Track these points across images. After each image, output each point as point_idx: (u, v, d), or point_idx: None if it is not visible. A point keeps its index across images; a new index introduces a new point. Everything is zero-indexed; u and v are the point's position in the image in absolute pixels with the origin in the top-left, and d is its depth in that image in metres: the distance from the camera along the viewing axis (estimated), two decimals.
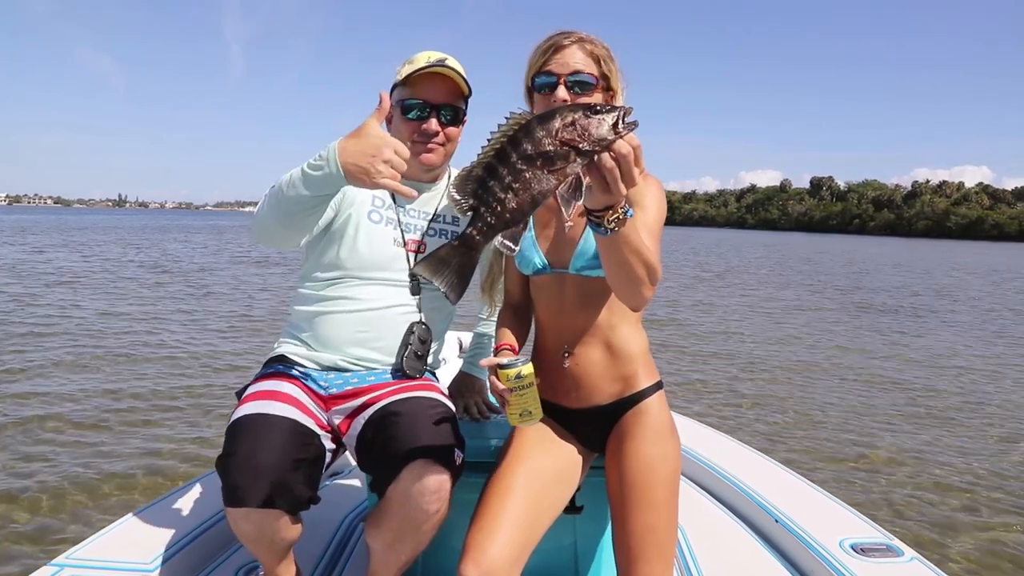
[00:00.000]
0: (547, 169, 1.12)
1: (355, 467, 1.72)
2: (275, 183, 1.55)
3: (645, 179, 1.49)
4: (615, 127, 1.09)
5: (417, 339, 1.74)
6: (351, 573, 1.96)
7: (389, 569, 1.62)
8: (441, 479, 1.48)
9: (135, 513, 1.93)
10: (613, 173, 1.10)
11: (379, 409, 1.63)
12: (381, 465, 1.55)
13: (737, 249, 41.03)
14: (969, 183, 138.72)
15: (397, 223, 1.78)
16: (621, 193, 1.12)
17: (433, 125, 1.73)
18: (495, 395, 1.43)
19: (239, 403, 1.61)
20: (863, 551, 1.88)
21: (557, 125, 1.11)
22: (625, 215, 1.18)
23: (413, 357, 1.73)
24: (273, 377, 1.69)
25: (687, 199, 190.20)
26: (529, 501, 1.44)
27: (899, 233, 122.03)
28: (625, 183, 1.11)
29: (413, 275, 1.76)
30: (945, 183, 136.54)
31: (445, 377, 2.01)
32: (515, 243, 1.19)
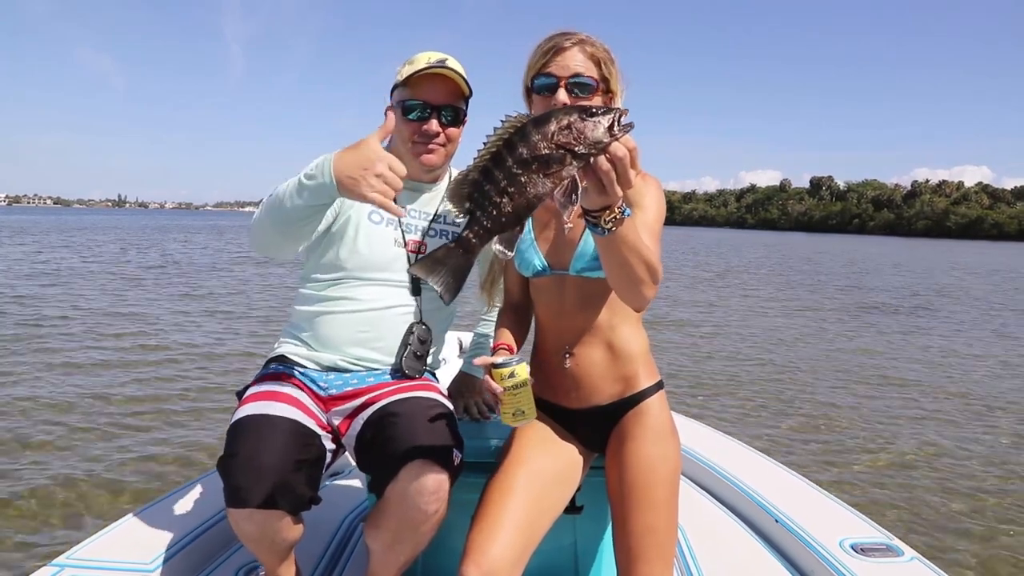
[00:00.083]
0: (543, 173, 1.11)
1: (355, 467, 1.72)
2: (272, 193, 1.56)
3: (644, 179, 1.49)
4: (611, 129, 1.08)
5: (417, 339, 1.74)
6: (351, 573, 1.96)
7: (389, 569, 1.62)
8: (439, 479, 1.48)
9: (135, 513, 1.93)
10: (609, 176, 1.10)
11: (378, 409, 1.63)
12: (380, 465, 1.56)
13: (737, 249, 41.03)
14: (969, 183, 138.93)
15: (397, 224, 1.78)
16: (618, 195, 1.12)
17: (434, 126, 1.73)
18: (489, 394, 1.43)
19: (240, 404, 1.62)
20: (863, 551, 1.88)
21: (553, 128, 1.10)
22: (622, 215, 1.18)
23: (412, 357, 1.74)
24: (273, 378, 1.69)
25: (687, 199, 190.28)
26: (530, 502, 1.44)
27: (899, 233, 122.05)
28: (621, 185, 1.11)
29: (413, 275, 1.76)
30: (945, 183, 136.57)
31: (445, 377, 2.01)
32: (511, 248, 1.19)
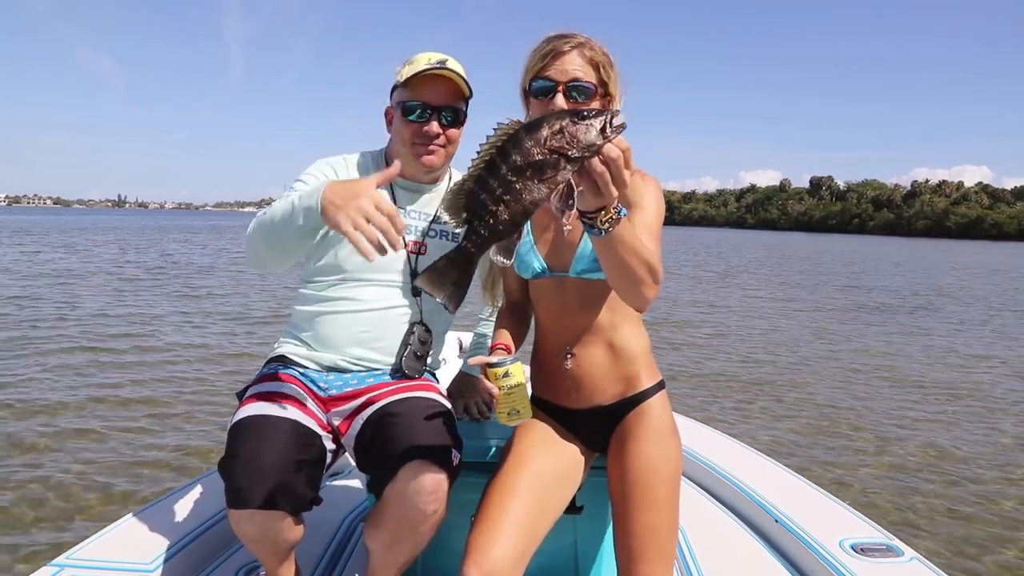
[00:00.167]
0: (538, 178, 1.11)
1: (355, 468, 1.73)
2: (266, 209, 1.56)
3: (643, 179, 1.49)
4: (603, 131, 1.08)
5: (417, 339, 1.74)
6: (351, 573, 1.96)
7: (388, 569, 1.62)
8: (438, 480, 1.48)
9: (135, 513, 1.93)
10: (604, 177, 1.09)
11: (377, 409, 1.63)
12: (379, 465, 1.56)
13: (737, 249, 41.04)
14: (969, 183, 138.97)
15: None
16: (613, 196, 1.12)
17: (434, 127, 1.73)
18: (484, 393, 1.43)
19: (240, 404, 1.62)
20: (863, 551, 1.88)
21: (545, 134, 1.10)
22: (618, 215, 1.18)
23: (412, 357, 1.74)
24: (273, 378, 1.69)
25: (687, 199, 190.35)
26: (531, 502, 1.44)
27: (899, 233, 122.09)
28: (616, 186, 1.11)
29: (414, 275, 1.76)
30: (945, 183, 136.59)
31: (445, 377, 2.01)
32: (510, 255, 1.19)
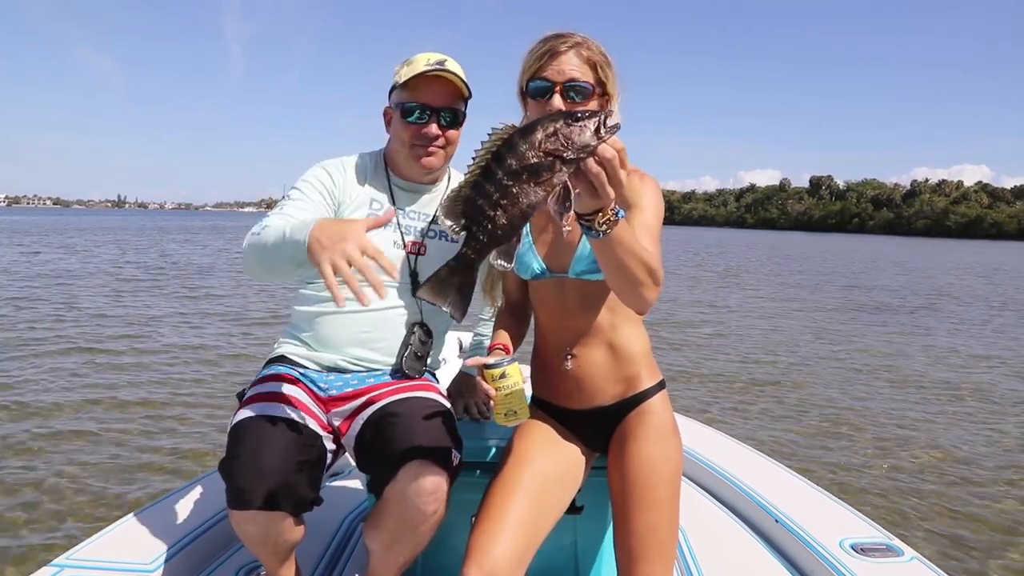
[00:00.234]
0: (534, 182, 1.11)
1: (355, 468, 1.73)
2: (258, 230, 1.53)
3: (641, 179, 1.48)
4: (597, 132, 1.08)
5: (418, 340, 1.74)
6: (351, 573, 1.96)
7: (388, 569, 1.62)
8: (438, 480, 1.48)
9: (135, 513, 1.93)
10: (600, 178, 1.09)
11: (377, 409, 1.63)
12: (379, 466, 1.56)
13: (737, 249, 41.06)
14: (968, 182, 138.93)
15: (397, 225, 1.77)
16: (609, 197, 1.12)
17: (433, 129, 1.72)
18: (481, 394, 1.43)
19: (240, 405, 1.61)
20: (863, 551, 1.88)
21: (539, 137, 1.10)
22: (616, 216, 1.18)
23: (413, 358, 1.74)
24: (274, 378, 1.69)
25: (686, 199, 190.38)
26: (532, 503, 1.44)
27: (898, 232, 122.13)
28: (612, 186, 1.11)
29: (414, 276, 1.76)
30: (944, 182, 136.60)
31: (445, 377, 2.01)
32: (510, 259, 1.19)
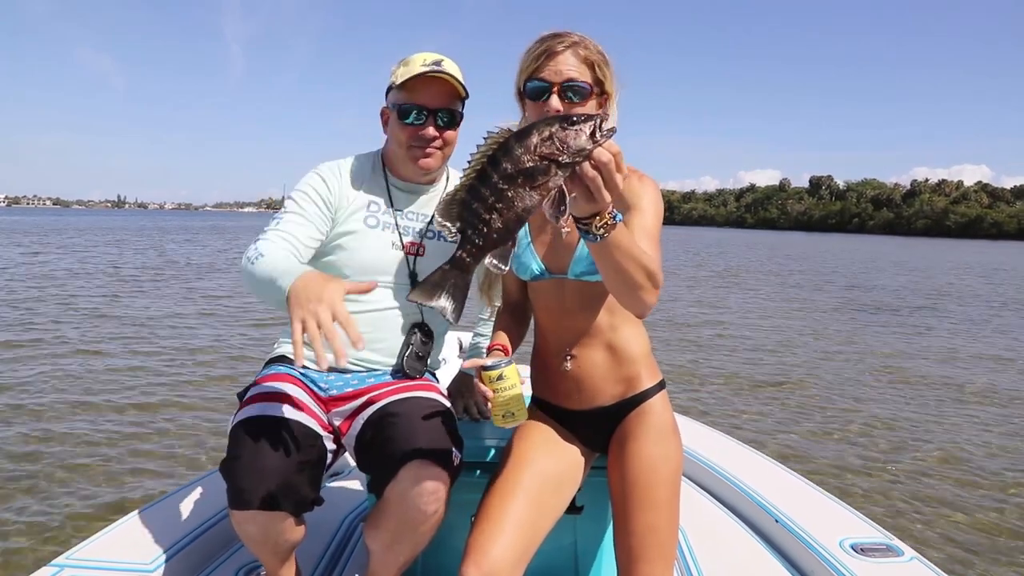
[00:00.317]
0: (529, 185, 1.11)
1: (355, 468, 1.73)
2: (253, 256, 1.53)
3: (640, 180, 1.48)
4: (593, 136, 1.08)
5: (419, 340, 1.74)
6: (351, 573, 1.96)
7: (388, 569, 1.62)
8: (438, 480, 1.48)
9: (135, 513, 1.93)
10: (596, 182, 1.09)
11: (378, 409, 1.63)
12: (379, 466, 1.55)
13: (737, 248, 41.06)
14: (968, 182, 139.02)
15: (395, 227, 1.77)
16: (606, 200, 1.12)
17: (430, 131, 1.72)
18: (479, 395, 1.43)
19: (241, 405, 1.61)
20: (863, 551, 1.88)
21: (535, 140, 1.10)
22: (613, 220, 1.17)
23: (414, 358, 1.74)
24: (274, 378, 1.69)
25: (686, 199, 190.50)
26: (531, 503, 1.44)
27: (898, 232, 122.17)
28: (608, 190, 1.11)
29: (413, 277, 1.76)
30: (944, 182, 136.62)
31: (445, 377, 2.01)
32: (505, 262, 1.19)
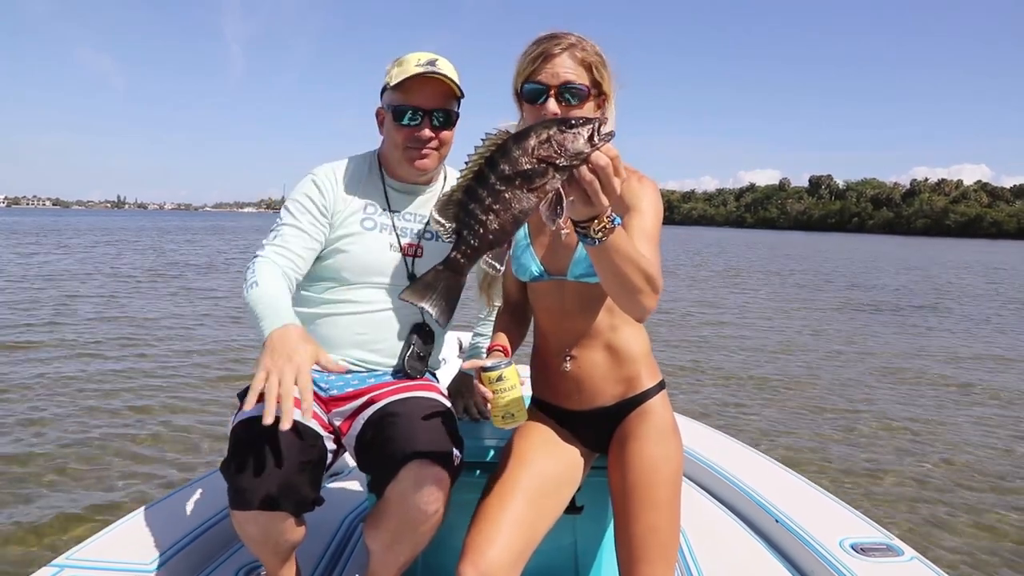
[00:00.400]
0: (526, 188, 1.11)
1: (355, 468, 1.72)
2: (251, 277, 1.54)
3: (640, 181, 1.47)
4: (591, 140, 1.08)
5: (420, 340, 1.74)
6: (351, 573, 1.96)
7: (388, 569, 1.62)
8: (439, 480, 1.48)
9: (135, 513, 1.93)
10: (593, 186, 1.09)
11: (378, 409, 1.63)
12: (379, 465, 1.55)
13: (737, 248, 41.06)
14: (968, 181, 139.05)
15: (392, 228, 1.77)
16: (603, 204, 1.12)
17: (426, 132, 1.71)
18: (479, 396, 1.43)
19: (241, 405, 1.61)
20: (863, 551, 1.88)
21: (533, 143, 1.10)
22: (612, 223, 1.17)
23: (415, 358, 1.74)
24: None
25: (686, 198, 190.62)
26: (530, 503, 1.44)
27: (898, 231, 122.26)
28: (606, 194, 1.11)
29: (411, 278, 1.75)
30: (944, 181, 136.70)
31: (445, 377, 2.01)
32: (500, 263, 1.19)
